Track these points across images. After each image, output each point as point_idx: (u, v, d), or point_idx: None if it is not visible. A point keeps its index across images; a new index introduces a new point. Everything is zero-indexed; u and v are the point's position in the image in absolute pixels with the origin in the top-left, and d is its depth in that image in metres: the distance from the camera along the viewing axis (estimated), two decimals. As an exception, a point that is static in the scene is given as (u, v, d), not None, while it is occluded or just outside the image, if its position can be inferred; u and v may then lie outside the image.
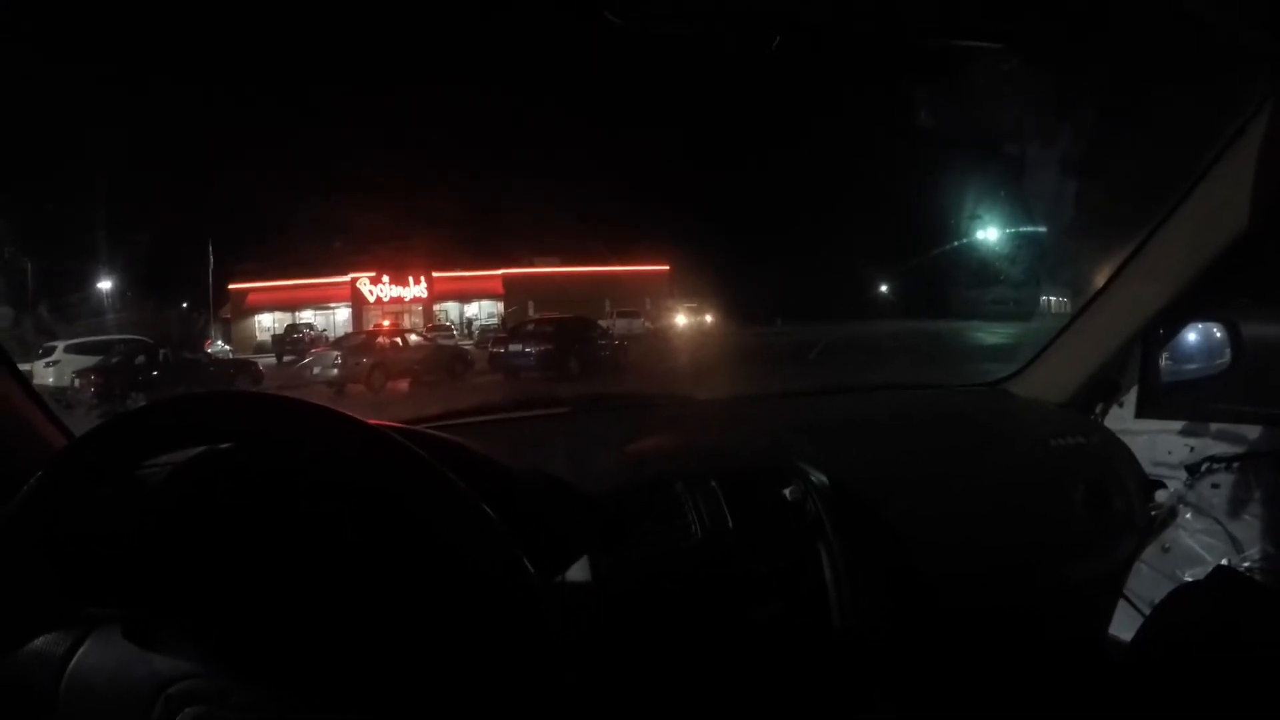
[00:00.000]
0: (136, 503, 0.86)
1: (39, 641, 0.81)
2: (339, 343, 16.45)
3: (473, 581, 0.77)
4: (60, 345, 11.80)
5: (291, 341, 20.64)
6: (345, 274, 25.72)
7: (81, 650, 0.81)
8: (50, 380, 10.50)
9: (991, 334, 15.94)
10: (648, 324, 22.78)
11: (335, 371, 12.67)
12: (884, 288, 26.17)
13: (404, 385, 12.48)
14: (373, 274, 25.89)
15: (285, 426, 0.80)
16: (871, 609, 1.28)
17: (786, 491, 1.31)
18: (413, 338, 15.93)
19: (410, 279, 26.22)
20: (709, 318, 24.15)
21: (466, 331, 23.77)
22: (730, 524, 1.25)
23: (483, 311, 27.11)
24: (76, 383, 10.43)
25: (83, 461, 0.80)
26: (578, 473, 1.20)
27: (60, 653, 0.81)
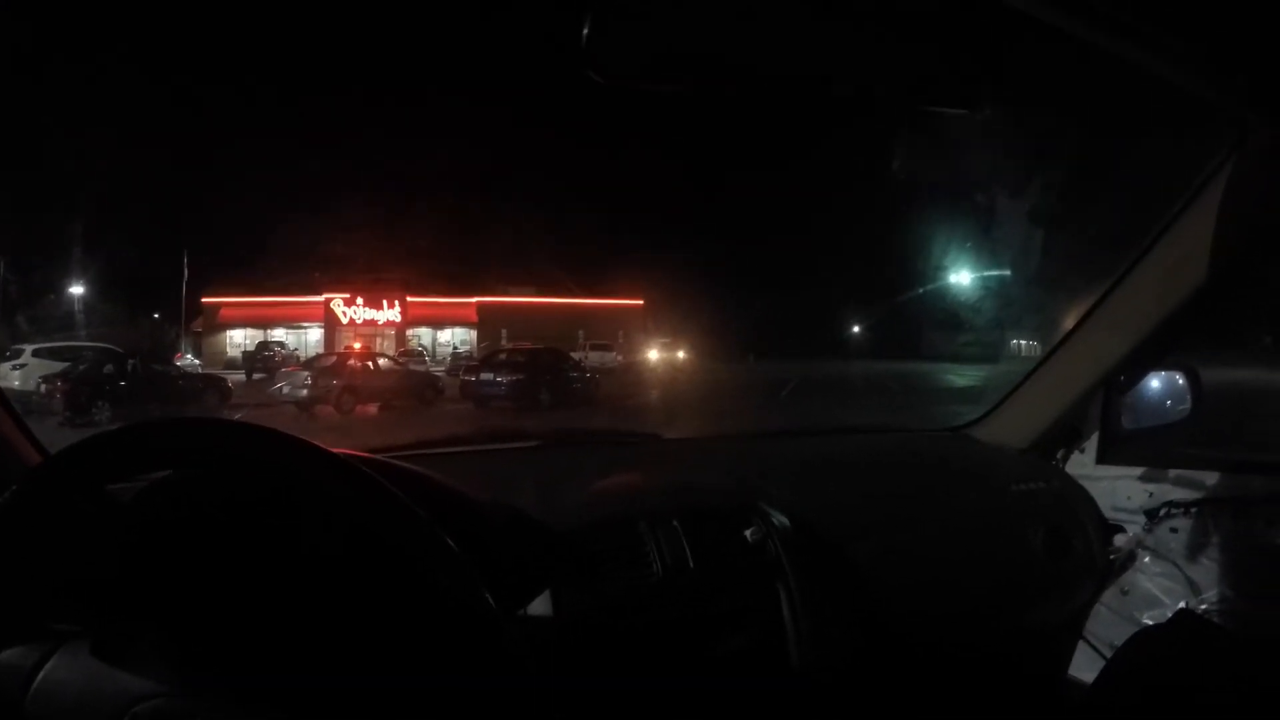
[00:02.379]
0: (106, 520, 0.86)
1: (6, 654, 0.80)
2: (310, 363, 16.32)
3: (437, 610, 0.79)
4: (28, 349, 11.62)
5: (262, 359, 20.60)
6: (319, 294, 25.62)
7: (49, 665, 0.80)
8: (15, 384, 10.34)
9: (960, 376, 16.15)
10: (620, 358, 22.72)
11: (305, 392, 12.56)
12: (856, 328, 26.62)
13: (374, 409, 12.39)
14: (347, 296, 25.80)
15: (258, 453, 0.82)
16: (829, 648, 1.29)
17: (747, 533, 1.33)
18: (384, 362, 15.84)
19: (384, 302, 26.14)
20: (682, 354, 24.24)
21: (438, 358, 23.67)
22: (691, 563, 1.27)
23: (456, 338, 27.02)
24: (42, 388, 10.32)
25: (57, 479, 0.81)
26: (543, 507, 1.23)
27: (28, 666, 0.80)
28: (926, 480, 1.79)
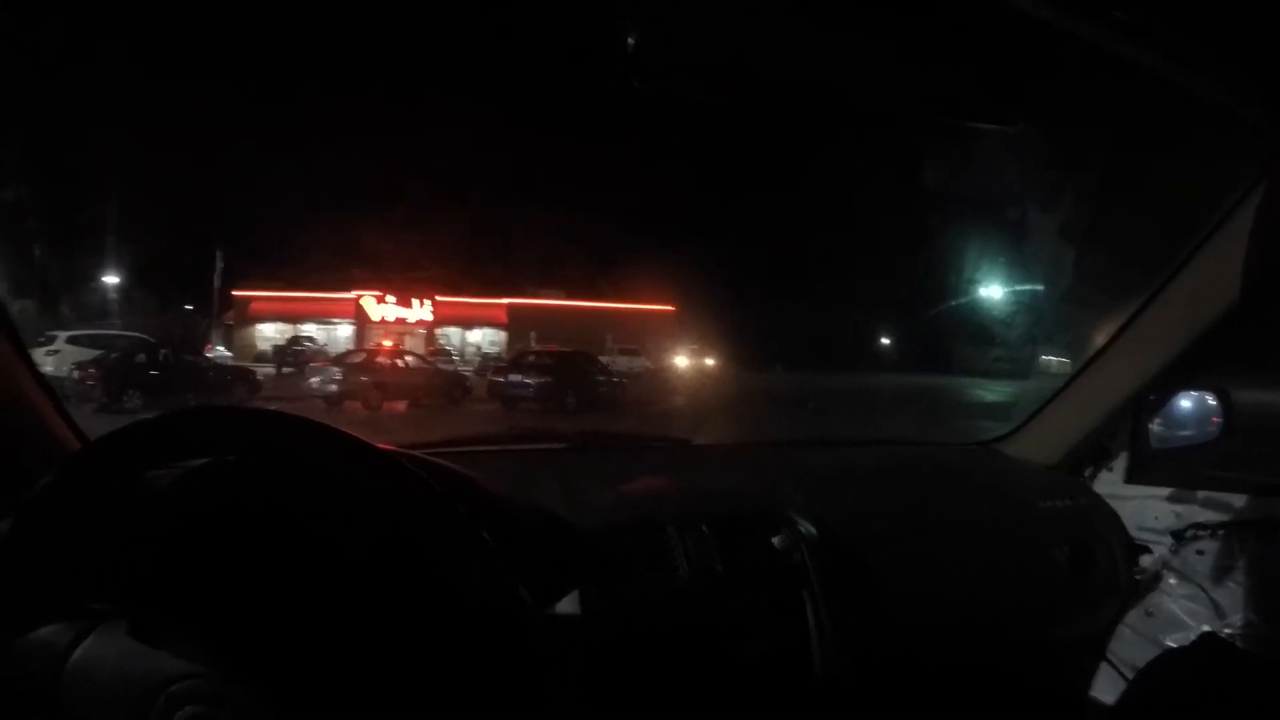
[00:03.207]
0: (145, 505, 0.88)
1: (42, 632, 0.83)
2: (339, 359, 16.41)
3: (470, 604, 0.80)
4: (62, 335, 11.69)
5: (292, 354, 20.52)
6: (350, 291, 25.73)
7: (85, 643, 0.83)
8: (49, 369, 10.38)
9: (990, 391, 15.98)
10: (648, 363, 22.71)
11: (334, 387, 12.64)
12: (886, 341, 26.21)
13: (402, 406, 12.45)
14: (378, 293, 25.88)
15: (296, 443, 0.84)
16: (852, 655, 1.30)
17: (775, 540, 1.34)
18: (413, 360, 15.90)
19: (415, 301, 26.22)
20: (710, 361, 24.08)
21: (466, 358, 23.71)
22: (718, 567, 1.28)
23: (485, 339, 27.06)
24: (75, 374, 10.32)
25: (98, 464, 0.83)
26: (572, 508, 1.23)
27: (63, 644, 0.82)
28: (953, 493, 1.78)
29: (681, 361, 23.88)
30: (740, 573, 1.29)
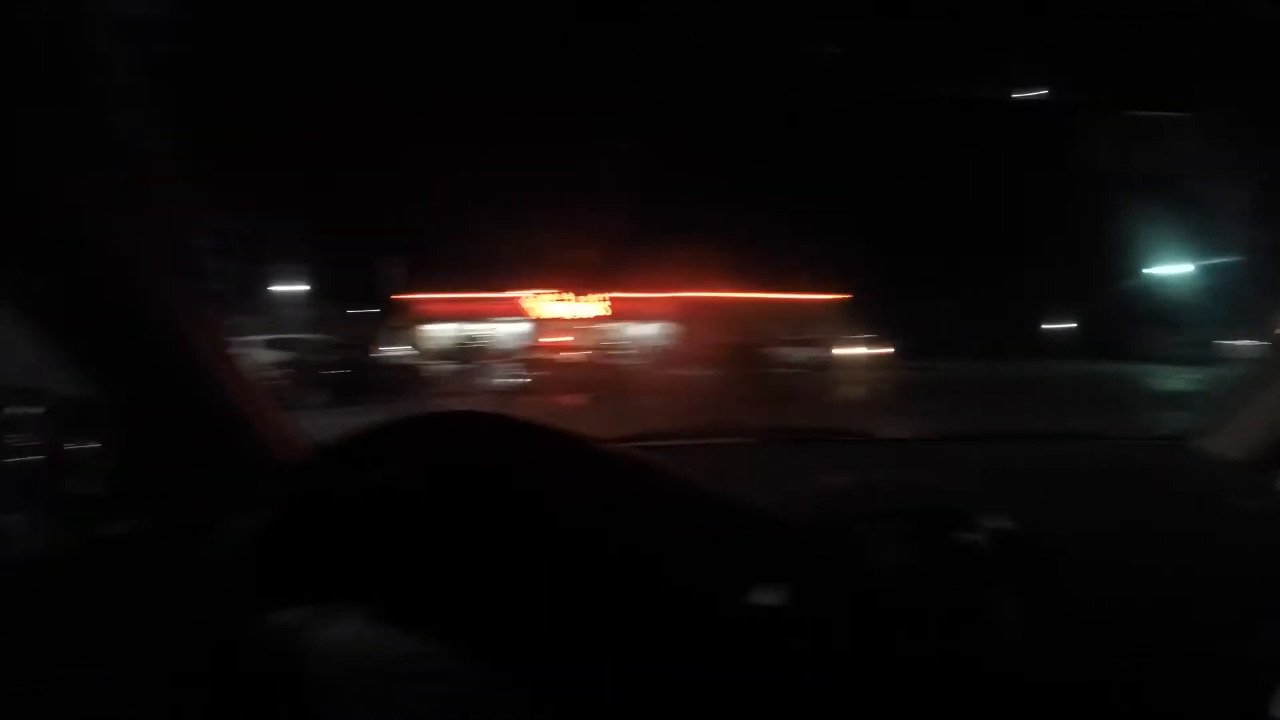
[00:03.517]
0: (385, 499, 0.97)
1: (290, 614, 0.90)
2: (514, 355, 16.92)
3: (683, 598, 0.92)
4: (259, 339, 12.53)
5: (468, 351, 21.52)
6: (523, 288, 26.82)
7: (327, 626, 0.90)
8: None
9: (1174, 380, 15.00)
10: (821, 353, 22.35)
11: (510, 382, 12.96)
12: (1059, 326, 25.42)
13: (577, 400, 12.62)
14: (550, 290, 26.86)
15: (518, 443, 0.98)
16: (1037, 656, 1.27)
17: (965, 536, 1.33)
18: (585, 354, 16.19)
19: (586, 296, 27.01)
20: (881, 350, 23.68)
21: (639, 351, 24.07)
22: (912, 563, 1.30)
23: (658, 333, 27.48)
24: (274, 375, 11.02)
25: (339, 462, 0.97)
26: (770, 503, 1.28)
27: (306, 627, 0.89)
28: (1141, 492, 1.74)
29: (853, 351, 23.49)
30: (932, 570, 1.30)
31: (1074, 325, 24.54)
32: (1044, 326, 25.34)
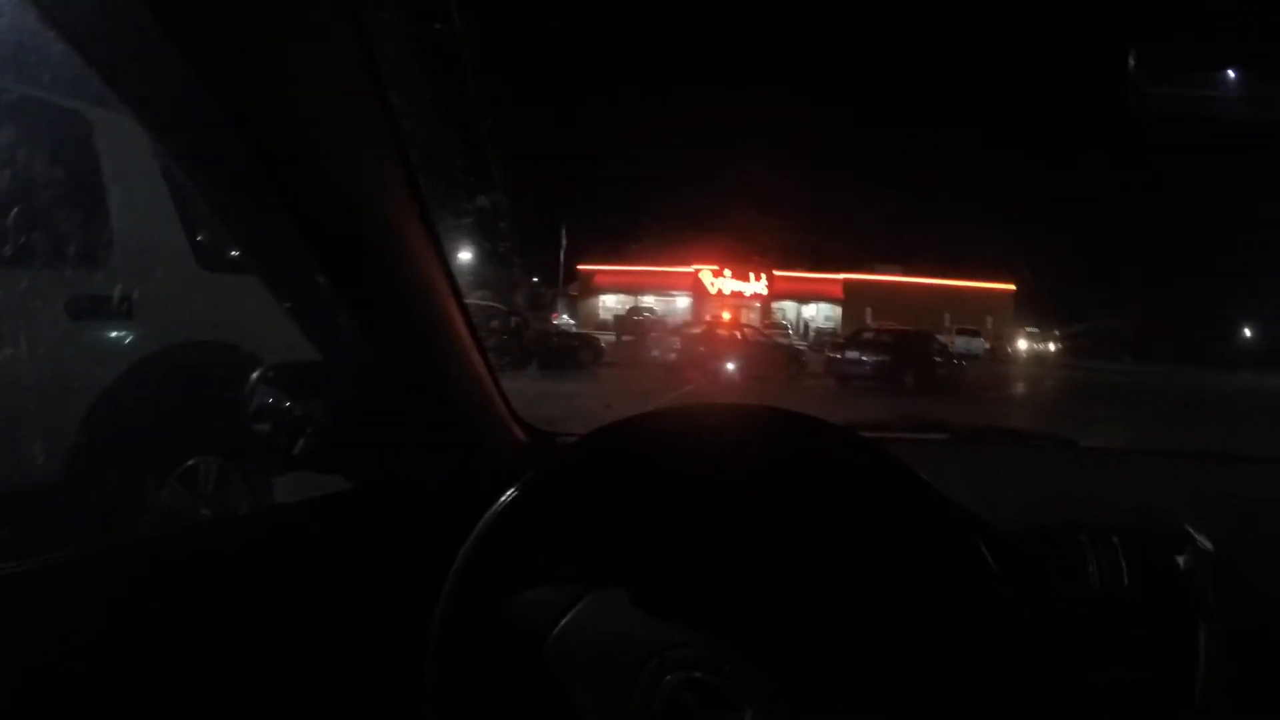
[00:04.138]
0: (642, 487, 0.96)
1: (535, 594, 0.93)
2: (678, 329, 17.11)
3: (931, 575, 0.87)
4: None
5: (632, 323, 21.76)
6: (688, 264, 26.77)
7: (577, 607, 0.92)
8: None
9: None
10: (987, 345, 21.34)
11: (673, 356, 13.22)
12: (1260, 334, 23.34)
13: (739, 378, 12.74)
14: (715, 267, 26.70)
15: (783, 434, 0.93)
16: (1237, 691, 1.21)
17: (1180, 559, 1.28)
18: (749, 333, 16.20)
19: (751, 275, 26.78)
20: (1052, 346, 22.25)
21: (802, 333, 23.77)
22: (1125, 583, 1.26)
23: (820, 314, 26.97)
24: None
25: (591, 452, 0.94)
26: (982, 505, 1.24)
27: (556, 607, 0.92)
28: None
29: (1021, 345, 22.29)
30: (1144, 589, 1.25)
31: (1271, 333, 22.30)
32: (1243, 334, 23.06)
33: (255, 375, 1.06)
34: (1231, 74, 1.09)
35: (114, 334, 2.60)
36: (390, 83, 0.80)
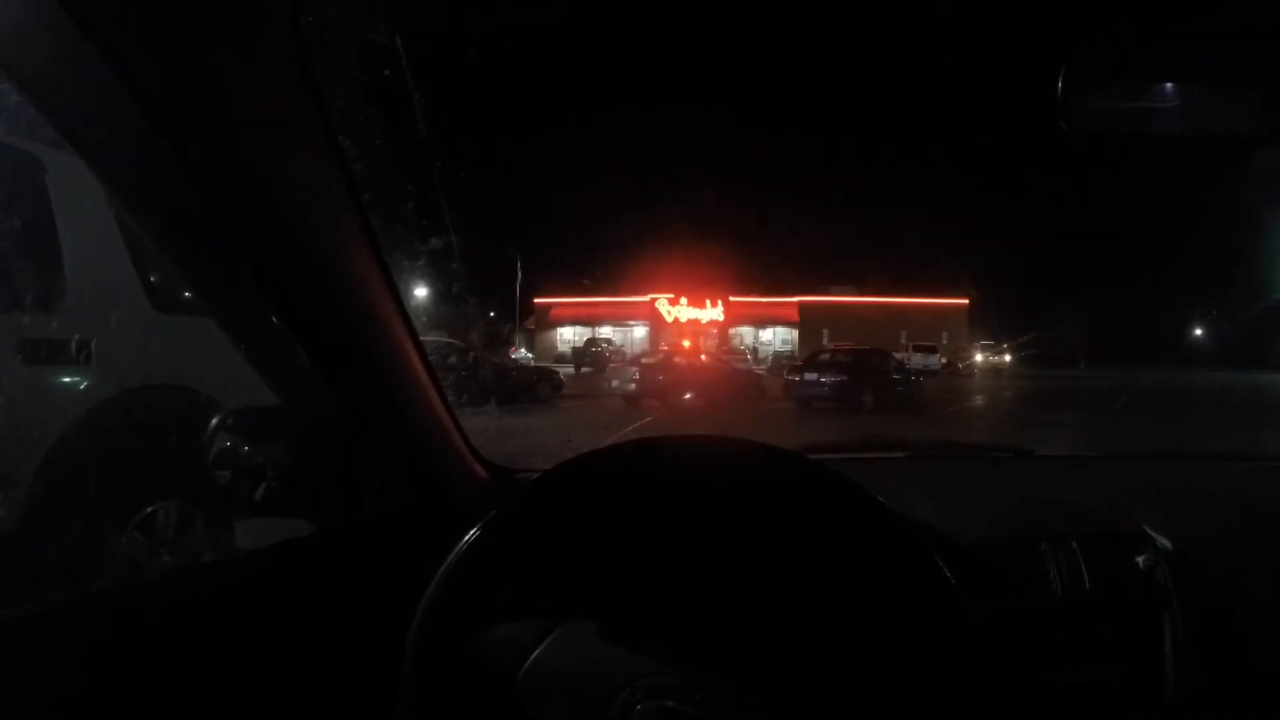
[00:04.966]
0: (606, 520, 0.96)
1: (503, 629, 0.92)
2: (636, 359, 17.13)
3: (910, 603, 0.88)
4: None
5: (590, 354, 21.69)
6: (644, 294, 26.95)
7: (546, 642, 0.92)
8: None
9: None
10: (943, 359, 21.65)
11: (631, 386, 13.19)
12: (1199, 333, 24.30)
13: (699, 405, 12.71)
14: (671, 295, 26.89)
15: (739, 464, 0.95)
16: (1206, 688, 1.23)
17: (1139, 558, 1.30)
18: (708, 359, 16.25)
19: (707, 302, 26.94)
20: (1007, 357, 22.76)
21: (760, 357, 23.88)
22: (1087, 585, 1.27)
23: (776, 338, 27.19)
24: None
25: (554, 488, 0.95)
26: (943, 519, 1.29)
27: (525, 642, 0.92)
28: None
29: (977, 358, 22.72)
30: (1105, 592, 1.28)
31: (1217, 334, 23.09)
32: (1185, 334, 23.84)
33: (214, 422, 1.07)
34: (1158, 88, 1.10)
35: (70, 379, 2.57)
36: (340, 128, 0.83)
